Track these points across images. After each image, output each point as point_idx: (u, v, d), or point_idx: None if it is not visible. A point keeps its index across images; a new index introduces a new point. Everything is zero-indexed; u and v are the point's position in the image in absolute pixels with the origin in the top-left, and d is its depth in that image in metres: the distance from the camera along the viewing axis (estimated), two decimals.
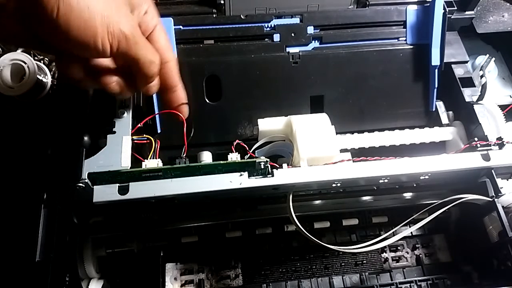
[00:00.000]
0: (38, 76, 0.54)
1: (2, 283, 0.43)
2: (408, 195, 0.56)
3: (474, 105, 0.54)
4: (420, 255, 0.59)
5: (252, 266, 0.57)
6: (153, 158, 0.46)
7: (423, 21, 0.57)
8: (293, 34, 0.55)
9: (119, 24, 0.37)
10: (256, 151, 0.50)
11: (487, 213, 0.52)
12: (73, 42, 0.35)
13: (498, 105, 0.54)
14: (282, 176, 0.45)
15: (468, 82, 0.57)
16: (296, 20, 0.56)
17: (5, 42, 0.55)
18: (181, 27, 0.53)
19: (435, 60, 0.56)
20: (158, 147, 0.48)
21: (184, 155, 0.47)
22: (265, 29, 0.55)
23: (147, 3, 0.42)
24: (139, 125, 0.49)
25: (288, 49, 0.55)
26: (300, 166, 0.46)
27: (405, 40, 0.57)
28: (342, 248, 0.48)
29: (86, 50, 0.36)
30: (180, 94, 0.46)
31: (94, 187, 0.43)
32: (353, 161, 0.48)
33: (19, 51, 0.55)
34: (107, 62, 0.42)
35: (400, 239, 0.55)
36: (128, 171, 0.44)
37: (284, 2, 0.56)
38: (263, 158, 0.45)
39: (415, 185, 0.55)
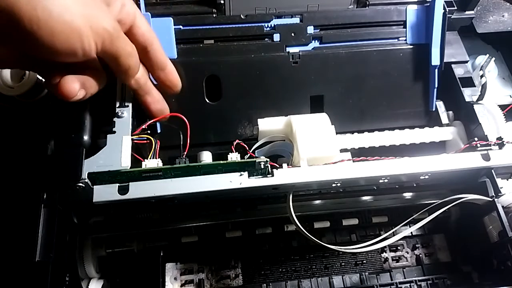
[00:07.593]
0: (38, 76, 0.54)
1: (2, 283, 0.43)
2: (408, 195, 0.56)
3: (474, 105, 0.54)
4: (420, 255, 0.59)
5: (252, 266, 0.57)
6: (153, 158, 0.46)
7: (423, 21, 0.57)
8: (293, 34, 0.55)
9: (100, 21, 0.35)
10: (256, 151, 0.50)
11: (487, 213, 0.52)
12: (60, 48, 0.33)
13: (498, 105, 0.54)
14: (282, 176, 0.45)
15: (468, 82, 0.57)
16: (296, 20, 0.56)
17: None
18: (181, 27, 0.53)
19: (435, 60, 0.56)
20: (158, 147, 0.48)
21: (184, 154, 0.47)
22: (265, 29, 0.55)
23: None
24: (143, 126, 0.49)
25: (288, 49, 0.55)
26: (300, 166, 0.46)
27: (405, 40, 0.57)
28: (342, 248, 0.48)
29: (73, 55, 0.34)
30: (172, 72, 0.46)
31: (94, 187, 0.43)
32: (353, 161, 0.48)
33: None
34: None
35: (400, 239, 0.55)
36: (128, 171, 0.44)
37: (284, 2, 0.56)
38: (263, 158, 0.45)
39: (415, 185, 0.56)
